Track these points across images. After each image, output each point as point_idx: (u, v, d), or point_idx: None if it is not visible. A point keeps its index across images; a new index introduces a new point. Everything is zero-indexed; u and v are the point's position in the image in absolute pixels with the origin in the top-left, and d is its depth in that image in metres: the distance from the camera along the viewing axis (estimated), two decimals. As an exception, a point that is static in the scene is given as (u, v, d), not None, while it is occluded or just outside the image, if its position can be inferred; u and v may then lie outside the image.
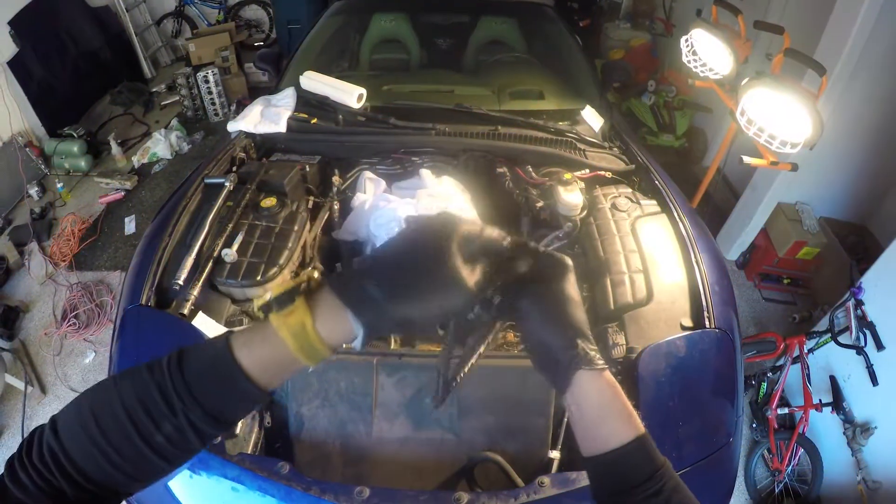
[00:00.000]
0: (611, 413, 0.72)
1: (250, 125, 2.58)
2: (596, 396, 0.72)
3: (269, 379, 0.63)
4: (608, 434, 0.71)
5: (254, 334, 0.63)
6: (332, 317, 0.62)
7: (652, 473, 0.69)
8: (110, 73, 6.31)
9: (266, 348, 0.62)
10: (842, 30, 3.07)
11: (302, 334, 0.60)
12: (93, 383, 2.22)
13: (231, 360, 0.61)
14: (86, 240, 4.42)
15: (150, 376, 0.61)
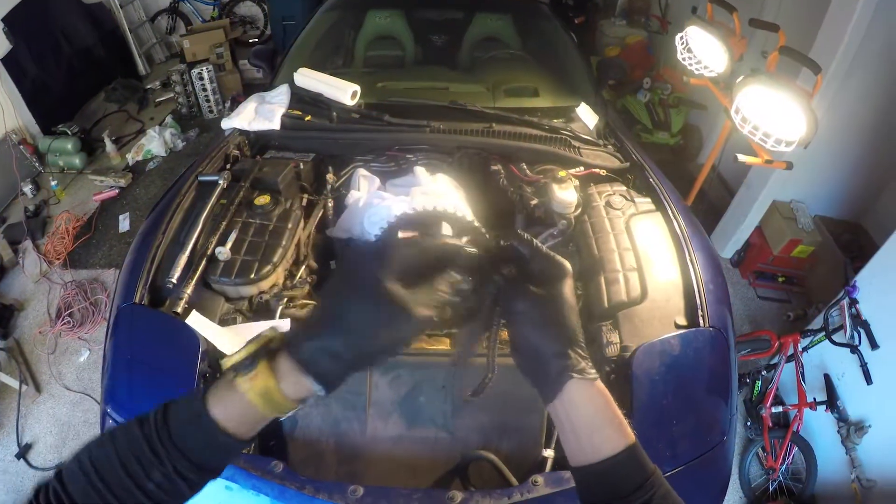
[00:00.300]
0: (602, 422, 0.72)
1: (244, 122, 2.57)
2: (587, 405, 0.72)
3: (246, 431, 0.67)
4: (599, 443, 0.71)
5: (226, 393, 0.66)
6: (293, 378, 0.66)
7: (642, 482, 0.69)
8: (104, 70, 6.28)
9: (237, 407, 0.66)
10: (837, 28, 3.07)
11: (267, 395, 0.65)
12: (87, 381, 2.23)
13: (208, 417, 0.65)
14: (80, 238, 4.41)
15: (139, 430, 0.65)
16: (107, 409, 1.60)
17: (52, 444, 3.10)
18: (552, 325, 0.72)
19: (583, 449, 0.72)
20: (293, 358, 0.66)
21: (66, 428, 3.16)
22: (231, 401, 0.66)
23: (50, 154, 5.17)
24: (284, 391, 0.65)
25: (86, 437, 3.10)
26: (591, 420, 0.71)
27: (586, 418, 0.72)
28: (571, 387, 0.71)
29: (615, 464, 0.69)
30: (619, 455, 0.69)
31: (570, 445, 0.73)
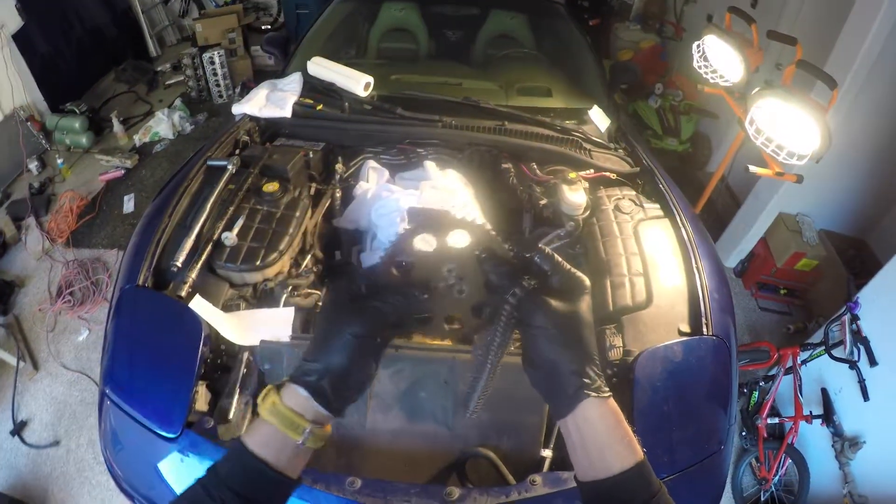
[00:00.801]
0: (612, 440, 0.73)
1: (255, 108, 2.56)
2: (599, 423, 0.73)
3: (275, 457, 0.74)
4: (609, 460, 0.72)
5: (254, 424, 0.77)
6: (291, 390, 0.76)
7: (649, 498, 0.71)
8: (115, 51, 6.29)
9: (260, 430, 0.75)
10: (853, 43, 3.06)
11: (275, 410, 0.74)
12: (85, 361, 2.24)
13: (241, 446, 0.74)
14: (84, 217, 4.41)
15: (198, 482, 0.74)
16: (105, 389, 1.60)
17: (48, 422, 3.10)
18: (571, 343, 0.74)
19: (593, 464, 0.73)
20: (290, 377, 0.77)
21: (63, 406, 3.16)
22: (256, 427, 0.76)
23: (57, 132, 5.17)
24: (287, 403, 0.74)
25: (82, 416, 3.11)
26: (602, 437, 0.73)
27: (598, 436, 0.73)
28: (586, 405, 0.73)
29: (623, 480, 0.71)
30: (628, 472, 0.71)
31: (580, 460, 0.75)
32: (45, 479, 2.87)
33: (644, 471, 0.72)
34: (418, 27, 3.64)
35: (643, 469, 0.72)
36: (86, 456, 2.95)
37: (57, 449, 2.99)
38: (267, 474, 0.73)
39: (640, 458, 0.72)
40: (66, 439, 3.03)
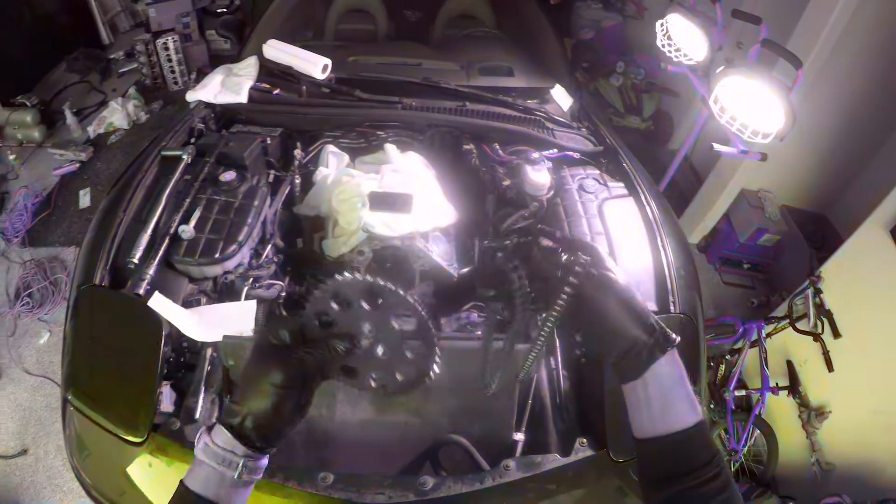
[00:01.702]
0: (678, 396, 0.74)
1: (210, 95, 2.49)
2: (667, 379, 0.75)
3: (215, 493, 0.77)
4: (673, 416, 0.74)
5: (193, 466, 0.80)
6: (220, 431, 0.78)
7: (709, 459, 0.72)
8: (66, 40, 6.03)
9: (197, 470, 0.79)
10: (817, 22, 3.10)
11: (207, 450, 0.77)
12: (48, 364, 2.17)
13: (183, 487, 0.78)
14: (39, 214, 4.27)
15: None
16: (67, 395, 1.54)
17: (14, 430, 3.02)
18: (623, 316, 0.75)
19: (654, 420, 0.75)
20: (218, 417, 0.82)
21: (28, 413, 3.09)
22: (194, 468, 0.79)
23: (8, 127, 4.97)
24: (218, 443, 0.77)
25: (48, 422, 3.04)
26: (669, 393, 0.74)
27: (664, 391, 0.74)
28: (656, 364, 0.74)
29: (688, 437, 0.73)
30: (692, 429, 0.73)
31: (641, 417, 0.76)
32: (15, 489, 2.81)
33: (704, 431, 0.74)
34: (377, 7, 3.58)
35: (703, 428, 0.74)
36: (55, 463, 2.89)
37: (25, 458, 2.92)
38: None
39: (700, 417, 0.74)
40: (35, 447, 2.95)
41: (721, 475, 0.71)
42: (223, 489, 0.77)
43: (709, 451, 0.73)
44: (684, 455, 0.73)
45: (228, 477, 0.77)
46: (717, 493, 0.71)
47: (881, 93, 3.55)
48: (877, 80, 3.50)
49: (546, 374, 1.66)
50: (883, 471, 2.53)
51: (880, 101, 3.59)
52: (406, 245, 1.92)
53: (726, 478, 0.72)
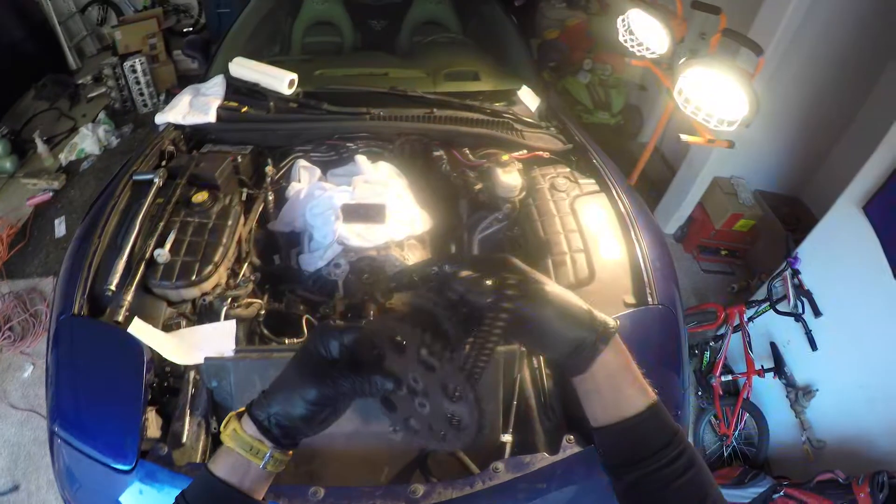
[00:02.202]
0: (624, 381, 0.75)
1: (178, 116, 2.48)
2: (613, 367, 0.75)
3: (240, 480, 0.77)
4: (623, 403, 0.74)
5: (218, 451, 0.80)
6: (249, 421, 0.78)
7: (667, 442, 0.72)
8: (33, 66, 6.00)
9: (224, 456, 0.78)
10: (777, 10, 3.15)
11: (235, 436, 0.77)
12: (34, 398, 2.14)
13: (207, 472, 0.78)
14: (15, 245, 4.23)
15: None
16: (54, 427, 1.53)
17: (4, 466, 2.98)
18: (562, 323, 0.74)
19: (606, 409, 0.75)
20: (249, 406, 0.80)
21: (17, 448, 3.05)
22: (220, 453, 0.79)
23: (-22, 158, 4.93)
24: (247, 431, 0.77)
25: (38, 456, 3.01)
26: (615, 380, 0.75)
27: (611, 378, 0.75)
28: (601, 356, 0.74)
29: (640, 422, 0.73)
30: (644, 413, 0.73)
31: (593, 407, 0.77)
32: (8, 527, 2.77)
33: (660, 412, 0.74)
34: (342, 19, 3.59)
35: (658, 410, 0.74)
36: (48, 497, 2.86)
37: (17, 494, 2.88)
38: (234, 497, 0.76)
39: (654, 399, 0.74)
40: (26, 482, 2.92)
41: (683, 455, 0.72)
42: (248, 478, 0.77)
43: (666, 432, 0.73)
44: (640, 440, 0.73)
45: (254, 466, 0.76)
46: (680, 474, 0.71)
47: (844, 74, 3.62)
48: (839, 62, 3.56)
49: (529, 374, 1.67)
50: (874, 444, 2.57)
51: (844, 82, 3.66)
52: (382, 255, 1.93)
53: (689, 457, 0.72)
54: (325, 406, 0.78)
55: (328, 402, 0.78)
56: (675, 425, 0.74)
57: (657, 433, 0.73)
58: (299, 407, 0.76)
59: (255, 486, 0.78)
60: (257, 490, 0.79)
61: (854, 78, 3.63)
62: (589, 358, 0.74)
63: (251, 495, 0.78)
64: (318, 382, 0.76)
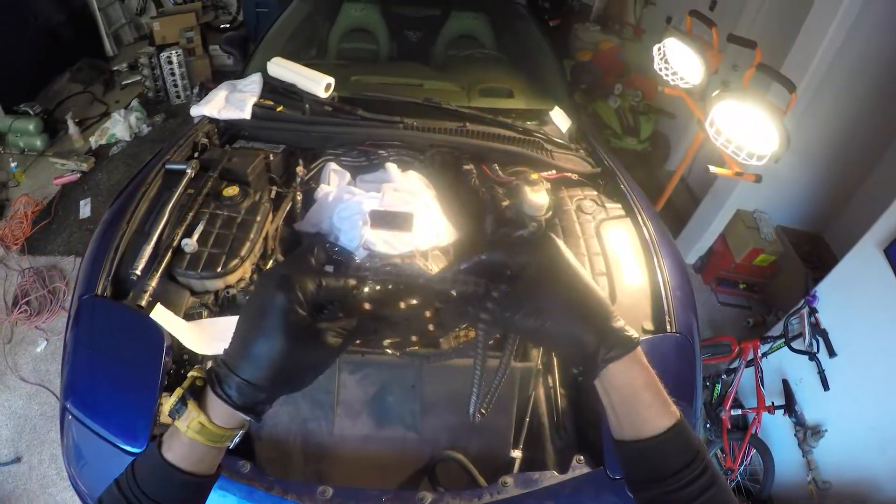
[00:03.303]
0: (642, 403, 0.70)
1: (214, 110, 2.51)
2: (626, 387, 0.70)
3: (201, 466, 0.72)
4: (640, 424, 0.69)
5: (171, 437, 0.72)
6: (221, 410, 0.70)
7: (689, 461, 0.68)
8: (71, 50, 6.12)
9: (184, 447, 0.71)
10: (811, 46, 3.16)
11: (204, 431, 0.70)
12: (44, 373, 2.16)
13: (164, 462, 0.70)
14: (39, 223, 4.30)
15: (117, 490, 0.71)
16: (66, 403, 1.55)
17: (8, 437, 3.02)
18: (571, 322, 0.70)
19: (622, 426, 0.71)
20: (217, 394, 0.70)
21: (23, 421, 3.08)
22: (177, 443, 0.71)
23: (10, 134, 5.03)
24: (217, 422, 0.70)
25: (43, 430, 3.04)
26: (629, 401, 0.70)
27: (625, 398, 0.70)
28: (610, 370, 0.69)
29: (659, 443, 0.68)
30: (663, 435, 0.68)
31: (611, 420, 0.73)
32: (6, 497, 2.80)
33: (681, 433, 0.69)
34: (379, 27, 3.63)
35: (679, 431, 0.69)
36: (49, 472, 2.88)
37: (19, 465, 2.91)
38: (190, 483, 0.71)
39: (675, 419, 0.69)
40: (28, 455, 2.95)
41: (705, 474, 0.68)
42: (206, 460, 0.72)
43: (688, 452, 0.69)
44: (660, 459, 0.69)
45: (216, 449, 0.72)
46: (699, 493, 0.68)
47: (873, 115, 3.61)
48: (869, 102, 3.55)
49: (544, 392, 1.68)
50: (880, 488, 2.55)
51: (872, 123, 3.65)
52: (406, 263, 1.94)
53: (711, 476, 0.68)
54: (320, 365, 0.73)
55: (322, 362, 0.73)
56: (697, 443, 0.70)
57: (678, 453, 0.69)
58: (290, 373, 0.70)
59: (210, 464, 0.73)
60: (216, 464, 0.74)
61: (883, 118, 3.61)
62: (593, 365, 0.70)
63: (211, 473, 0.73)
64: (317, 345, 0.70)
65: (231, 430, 0.72)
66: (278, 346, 0.68)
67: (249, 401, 0.69)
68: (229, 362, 0.70)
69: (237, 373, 0.69)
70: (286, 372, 0.70)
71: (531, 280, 0.72)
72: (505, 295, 0.72)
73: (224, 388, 0.70)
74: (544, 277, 0.72)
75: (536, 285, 0.72)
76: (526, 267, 0.73)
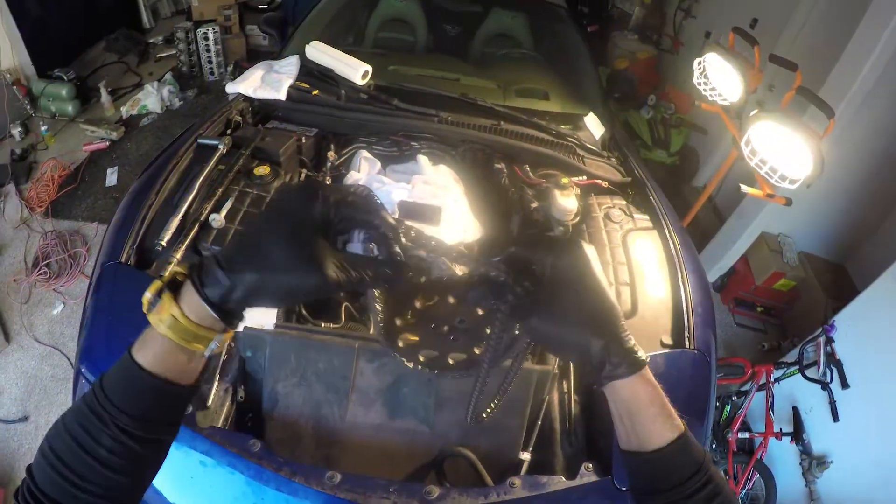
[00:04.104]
0: (647, 416, 0.70)
1: (250, 89, 2.52)
2: (632, 402, 0.71)
3: (176, 373, 0.66)
4: (645, 436, 0.70)
5: (144, 336, 0.66)
6: (194, 301, 0.65)
7: (693, 472, 0.69)
8: (108, 19, 6.16)
9: (155, 345, 0.65)
10: (850, 72, 3.11)
11: (175, 325, 0.64)
12: (59, 336, 2.17)
13: (133, 363, 0.65)
14: (65, 187, 4.33)
15: (83, 401, 0.65)
16: (81, 368, 1.56)
17: (17, 396, 3.04)
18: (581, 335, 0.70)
19: (628, 437, 0.72)
20: (192, 282, 0.65)
21: (33, 381, 3.11)
22: (149, 341, 0.66)
23: (43, 98, 5.07)
24: (189, 316, 0.64)
25: (52, 392, 3.07)
26: (635, 415, 0.71)
27: (631, 412, 0.71)
28: (615, 385, 0.70)
29: (664, 455, 0.69)
30: (668, 448, 0.69)
31: (618, 430, 0.74)
32: (11, 454, 2.82)
33: (686, 445, 0.70)
34: (418, 19, 3.62)
35: (684, 443, 0.70)
36: (54, 434, 2.90)
37: (25, 424, 2.94)
38: (166, 392, 0.66)
39: (679, 432, 0.70)
40: (36, 415, 2.97)
41: (709, 484, 0.69)
42: (183, 367, 0.67)
43: (693, 462, 0.70)
44: (665, 470, 0.70)
45: (193, 354, 0.66)
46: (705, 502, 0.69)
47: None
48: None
49: (557, 397, 1.67)
50: (881, 524, 2.52)
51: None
52: (430, 257, 1.93)
53: (716, 486, 0.69)
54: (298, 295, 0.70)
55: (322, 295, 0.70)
56: (701, 454, 0.71)
57: (683, 464, 0.70)
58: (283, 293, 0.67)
59: (189, 373, 0.68)
60: (194, 375, 0.69)
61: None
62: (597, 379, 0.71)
63: (188, 384, 0.68)
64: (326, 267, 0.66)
65: (204, 329, 0.65)
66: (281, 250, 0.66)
67: (219, 294, 0.65)
68: (218, 255, 0.67)
69: (225, 267, 0.65)
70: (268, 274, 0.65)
71: (554, 282, 0.72)
72: (527, 291, 0.72)
73: (200, 277, 0.66)
74: (566, 282, 0.72)
75: (558, 288, 0.72)
76: (552, 268, 0.73)
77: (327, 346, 1.54)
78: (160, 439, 0.68)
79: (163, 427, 0.68)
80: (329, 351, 1.54)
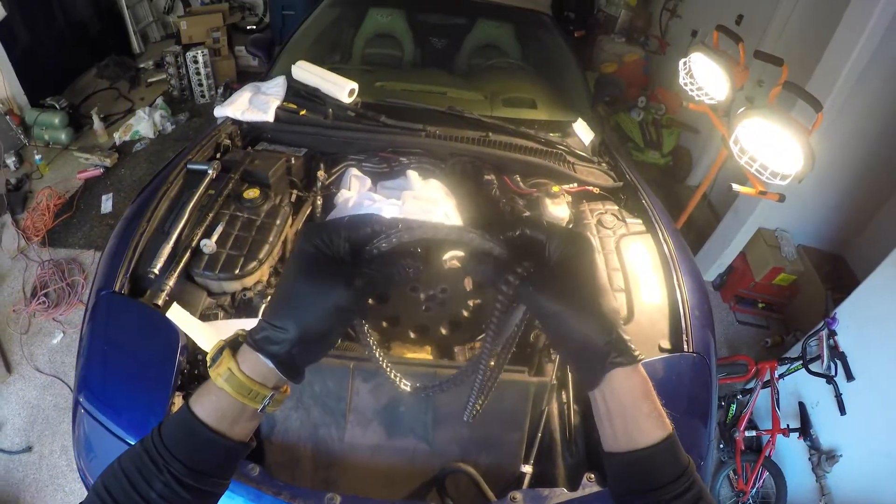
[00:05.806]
0: (640, 412, 0.70)
1: (237, 112, 2.53)
2: (626, 396, 0.70)
3: (230, 427, 0.69)
4: (636, 433, 0.70)
5: (203, 389, 0.70)
6: (251, 357, 0.68)
7: (678, 475, 0.69)
8: (98, 46, 6.20)
9: (212, 398, 0.69)
10: (836, 64, 3.12)
11: (232, 378, 0.68)
12: (59, 365, 2.17)
13: (191, 415, 0.68)
14: (61, 215, 4.34)
15: (140, 446, 0.69)
16: (79, 397, 1.56)
17: (20, 426, 3.04)
18: (588, 317, 0.69)
19: (616, 436, 0.71)
20: (249, 340, 0.69)
21: (36, 411, 3.10)
22: (207, 394, 0.69)
23: (36, 127, 5.08)
24: (246, 372, 0.68)
25: (55, 421, 3.06)
26: (629, 409, 0.70)
27: (624, 409, 0.70)
28: (612, 376, 0.70)
29: (651, 454, 0.69)
30: (656, 446, 0.69)
31: (605, 431, 0.73)
32: (16, 485, 2.81)
33: (673, 446, 0.69)
34: (404, 34, 3.63)
35: (672, 444, 0.69)
36: (59, 463, 2.90)
37: (30, 455, 2.93)
38: (219, 445, 0.68)
39: (667, 433, 0.69)
40: (39, 445, 2.96)
41: (692, 489, 0.69)
42: (238, 423, 0.69)
43: (677, 465, 0.69)
44: (650, 471, 0.70)
45: (248, 410, 0.69)
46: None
47: (896, 135, 3.57)
48: (892, 122, 3.49)
49: (557, 408, 1.66)
50: (892, 516, 2.50)
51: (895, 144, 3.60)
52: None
53: (698, 491, 0.69)
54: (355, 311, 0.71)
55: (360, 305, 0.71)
56: (686, 458, 0.70)
57: (668, 466, 0.69)
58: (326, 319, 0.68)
59: (243, 430, 0.71)
60: (245, 433, 0.71)
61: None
62: (595, 375, 0.70)
63: (241, 440, 0.71)
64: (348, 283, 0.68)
65: (260, 385, 0.68)
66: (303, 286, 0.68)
67: (279, 350, 0.67)
68: (265, 314, 0.70)
69: (268, 320, 0.68)
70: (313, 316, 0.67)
71: (562, 264, 0.72)
72: (533, 270, 0.72)
73: (254, 335, 0.69)
74: (575, 266, 0.72)
75: (566, 270, 0.71)
76: (561, 252, 0.73)
77: (321, 368, 1.53)
78: (209, 491, 0.70)
79: (212, 480, 0.70)
80: (324, 373, 1.53)
